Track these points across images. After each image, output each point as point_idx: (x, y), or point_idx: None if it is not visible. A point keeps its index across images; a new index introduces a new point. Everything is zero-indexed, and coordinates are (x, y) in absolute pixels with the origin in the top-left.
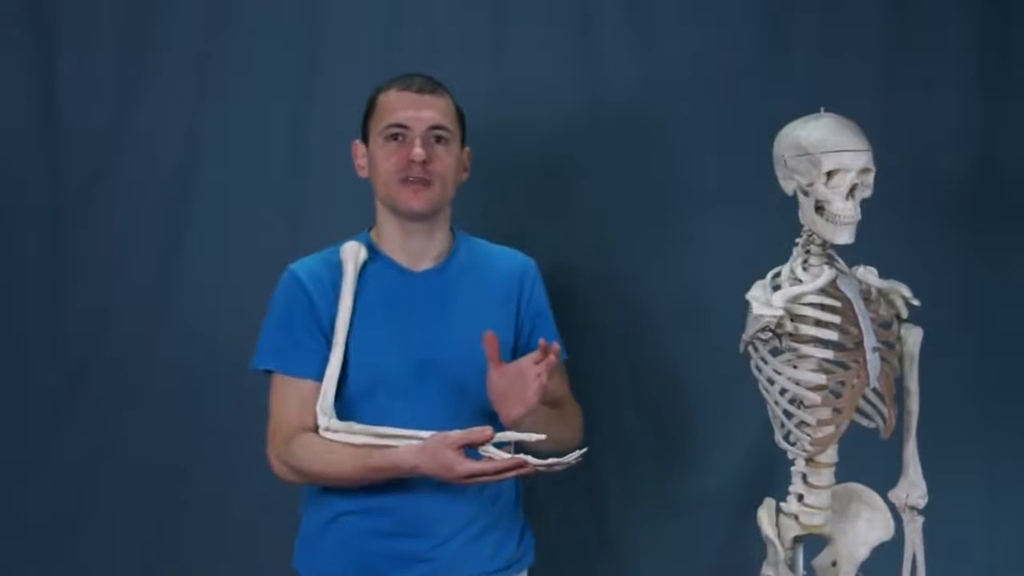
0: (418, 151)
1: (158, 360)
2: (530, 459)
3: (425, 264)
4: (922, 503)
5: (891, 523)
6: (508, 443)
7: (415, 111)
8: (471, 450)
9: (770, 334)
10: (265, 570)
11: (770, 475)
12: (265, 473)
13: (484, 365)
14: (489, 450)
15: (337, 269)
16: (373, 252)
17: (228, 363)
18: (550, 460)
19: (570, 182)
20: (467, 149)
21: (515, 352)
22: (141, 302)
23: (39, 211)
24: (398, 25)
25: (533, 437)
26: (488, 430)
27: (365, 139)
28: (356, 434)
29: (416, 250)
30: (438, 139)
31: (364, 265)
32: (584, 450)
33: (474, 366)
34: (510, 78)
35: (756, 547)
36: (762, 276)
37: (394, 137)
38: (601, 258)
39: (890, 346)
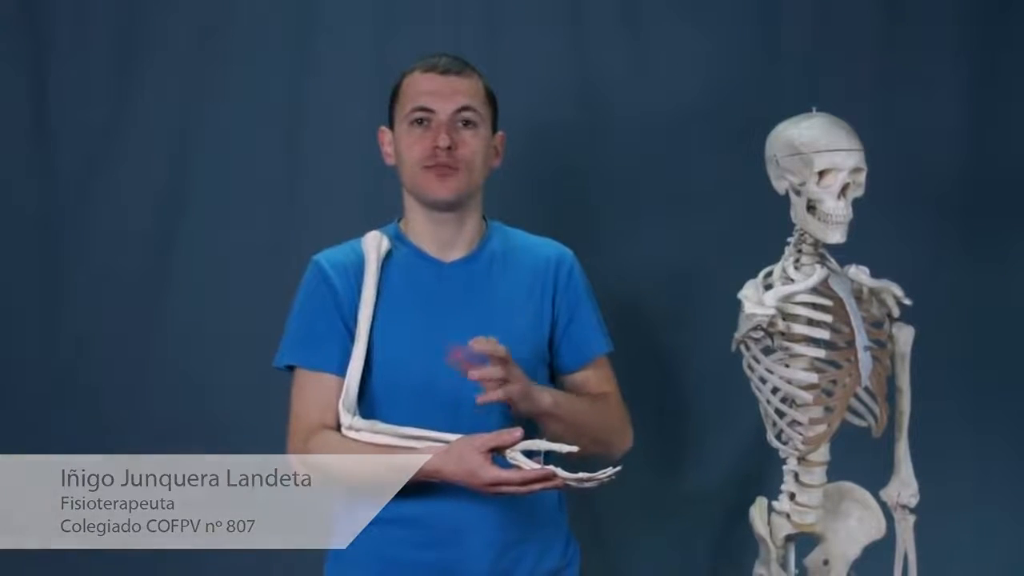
0: (443, 137)
1: (152, 359)
2: (560, 471)
3: (455, 254)
4: (913, 502)
5: (883, 522)
6: (538, 453)
7: (440, 93)
8: (499, 458)
9: (762, 333)
10: None
11: (762, 474)
12: None
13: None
14: (517, 458)
15: (363, 259)
16: (401, 242)
17: (223, 361)
18: (582, 475)
19: (565, 181)
20: (500, 133)
21: (552, 344)
22: (134, 302)
23: (32, 211)
24: (392, 25)
25: (564, 448)
26: (518, 431)
27: (392, 125)
28: (380, 434)
29: (446, 239)
30: (466, 123)
31: (390, 254)
32: (618, 468)
33: None
34: (505, 77)
35: (748, 545)
36: (754, 275)
37: (419, 122)
38: (593, 256)
39: (882, 345)
